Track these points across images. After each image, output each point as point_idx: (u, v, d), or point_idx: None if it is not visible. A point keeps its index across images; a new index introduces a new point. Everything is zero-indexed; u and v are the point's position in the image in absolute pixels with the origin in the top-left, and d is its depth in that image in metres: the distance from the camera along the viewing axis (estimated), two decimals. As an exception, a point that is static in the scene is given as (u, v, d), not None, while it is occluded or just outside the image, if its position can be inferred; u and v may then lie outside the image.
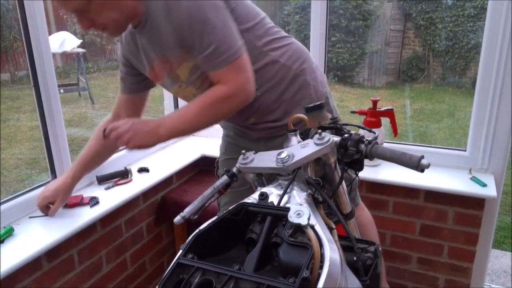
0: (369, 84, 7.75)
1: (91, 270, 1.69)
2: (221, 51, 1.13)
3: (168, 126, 1.19)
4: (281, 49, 1.32)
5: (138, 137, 1.16)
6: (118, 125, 1.17)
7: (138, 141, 1.16)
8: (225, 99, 1.17)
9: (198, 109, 1.18)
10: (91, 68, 8.52)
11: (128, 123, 1.17)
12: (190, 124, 1.21)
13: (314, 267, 0.69)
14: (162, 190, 2.07)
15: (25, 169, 4.44)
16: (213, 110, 1.18)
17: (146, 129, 1.17)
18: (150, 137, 1.17)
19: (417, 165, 0.85)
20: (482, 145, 1.83)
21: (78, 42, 6.97)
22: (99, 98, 7.24)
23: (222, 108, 1.18)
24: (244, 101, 1.19)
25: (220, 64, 1.14)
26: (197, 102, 1.19)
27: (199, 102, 1.19)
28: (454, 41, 6.88)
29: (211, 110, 1.18)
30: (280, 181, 0.96)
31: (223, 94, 1.16)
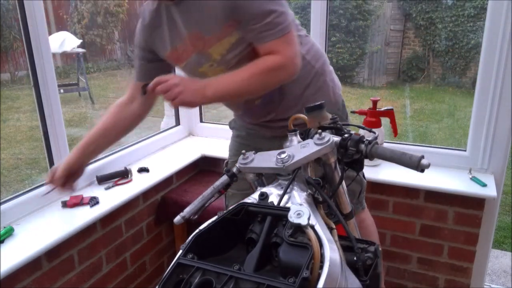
0: (369, 84, 7.75)
1: (91, 270, 1.69)
2: (279, 21, 1.13)
3: (215, 88, 1.16)
4: (306, 46, 1.32)
5: (187, 93, 1.12)
6: (166, 79, 1.13)
7: (187, 97, 1.12)
8: (276, 69, 1.16)
9: (249, 75, 1.16)
10: (91, 68, 8.52)
11: (177, 77, 1.14)
12: (237, 89, 1.18)
13: (314, 267, 0.69)
14: (162, 190, 2.07)
15: (25, 169, 4.44)
16: (263, 78, 1.17)
17: (194, 87, 1.14)
18: (197, 95, 1.14)
19: (417, 165, 0.85)
20: (482, 145, 1.83)
21: (78, 42, 6.98)
22: (99, 98, 7.24)
23: (272, 77, 1.18)
24: (292, 74, 1.19)
25: (276, 34, 1.14)
26: (248, 69, 1.16)
27: (250, 68, 1.16)
28: (454, 41, 6.88)
29: (261, 77, 1.16)
30: (280, 181, 0.96)
31: (275, 63, 1.15)
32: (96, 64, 8.83)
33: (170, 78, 1.13)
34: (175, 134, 2.42)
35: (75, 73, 7.37)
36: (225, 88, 1.17)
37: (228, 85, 1.17)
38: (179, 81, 1.12)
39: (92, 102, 6.92)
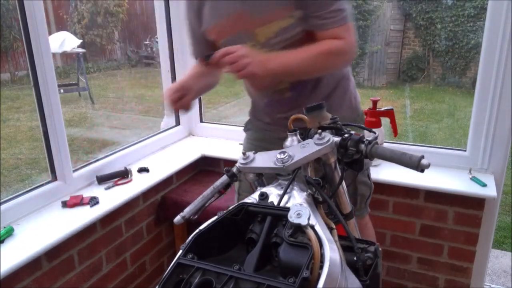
0: (369, 84, 7.75)
1: (91, 270, 1.69)
2: (344, 8, 1.18)
3: (278, 62, 1.14)
4: None
5: (254, 65, 1.09)
6: (233, 49, 1.09)
7: (254, 68, 1.09)
8: (339, 53, 1.19)
9: (314, 54, 1.17)
10: (91, 68, 8.52)
11: (244, 48, 1.10)
12: (299, 66, 1.17)
13: (314, 267, 0.69)
14: (162, 190, 2.07)
15: (25, 169, 4.44)
16: (325, 59, 1.18)
17: (260, 58, 1.12)
18: (261, 67, 1.11)
19: (417, 165, 0.85)
20: (482, 145, 1.83)
21: (78, 42, 6.98)
22: (99, 98, 7.24)
23: (334, 60, 1.20)
24: (350, 61, 1.24)
25: (339, 22, 1.17)
26: (313, 48, 1.17)
27: (315, 48, 1.17)
28: (454, 41, 6.88)
29: (324, 59, 1.18)
30: (280, 181, 0.96)
31: (339, 47, 1.18)
32: (96, 64, 8.83)
33: (237, 48, 1.10)
34: (175, 134, 2.42)
35: (75, 73, 7.37)
36: (288, 63, 1.15)
37: (291, 61, 1.16)
38: (247, 52, 1.09)
39: (92, 102, 6.93)
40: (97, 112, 6.66)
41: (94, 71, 8.59)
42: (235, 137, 2.39)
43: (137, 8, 9.54)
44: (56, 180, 1.70)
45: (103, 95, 7.48)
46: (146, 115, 6.41)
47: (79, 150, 4.89)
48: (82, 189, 1.78)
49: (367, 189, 1.47)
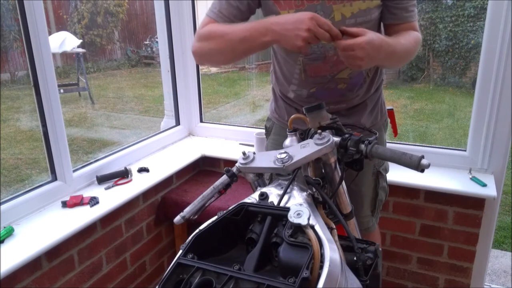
0: (369, 84, 7.73)
1: (91, 270, 1.69)
2: (415, 5, 1.22)
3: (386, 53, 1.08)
4: None
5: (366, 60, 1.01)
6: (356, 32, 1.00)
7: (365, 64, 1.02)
8: (419, 44, 1.22)
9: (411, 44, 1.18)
10: (91, 68, 8.52)
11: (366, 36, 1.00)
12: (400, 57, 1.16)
13: (314, 267, 0.69)
14: (162, 190, 2.07)
15: (25, 169, 4.44)
16: (415, 49, 1.20)
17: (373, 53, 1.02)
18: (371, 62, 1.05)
19: (417, 165, 0.85)
20: (482, 145, 1.83)
21: (78, 42, 6.98)
22: (99, 98, 7.24)
23: (415, 50, 1.21)
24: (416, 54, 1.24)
25: (415, 16, 1.22)
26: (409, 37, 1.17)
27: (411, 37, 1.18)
28: (454, 41, 6.87)
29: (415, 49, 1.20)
30: (280, 181, 0.96)
31: (420, 39, 1.22)
32: (96, 64, 8.82)
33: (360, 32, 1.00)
34: (175, 134, 2.42)
35: (75, 73, 7.36)
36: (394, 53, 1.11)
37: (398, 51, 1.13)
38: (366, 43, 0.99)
39: (92, 102, 6.92)
40: (97, 112, 6.65)
41: (94, 71, 8.59)
42: (235, 137, 2.39)
43: (137, 8, 9.54)
44: (56, 180, 1.70)
45: (103, 95, 7.47)
46: (146, 115, 6.41)
47: (79, 150, 4.88)
48: (82, 189, 1.78)
49: (385, 194, 1.48)
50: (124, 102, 7.27)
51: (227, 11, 1.18)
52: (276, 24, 1.03)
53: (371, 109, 1.36)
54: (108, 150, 2.05)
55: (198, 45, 1.18)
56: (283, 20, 1.03)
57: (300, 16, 1.00)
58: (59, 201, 1.65)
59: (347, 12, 1.15)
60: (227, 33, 1.12)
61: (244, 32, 1.09)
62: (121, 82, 8.56)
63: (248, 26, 1.10)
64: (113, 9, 8.99)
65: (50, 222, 1.54)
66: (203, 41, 1.16)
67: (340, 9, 1.15)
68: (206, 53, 1.18)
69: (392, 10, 1.20)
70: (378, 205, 1.46)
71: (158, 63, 2.46)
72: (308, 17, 0.98)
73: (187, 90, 2.41)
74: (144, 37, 9.49)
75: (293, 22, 1.00)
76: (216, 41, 1.13)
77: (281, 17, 1.07)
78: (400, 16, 1.21)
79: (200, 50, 1.18)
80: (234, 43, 1.11)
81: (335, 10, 1.15)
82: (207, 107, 6.43)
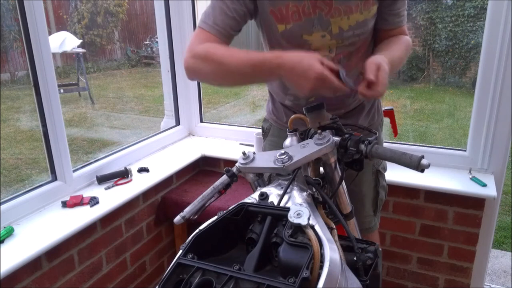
0: (369, 84, 7.73)
1: (91, 270, 1.69)
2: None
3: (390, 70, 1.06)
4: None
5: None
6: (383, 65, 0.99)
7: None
8: (410, 49, 1.23)
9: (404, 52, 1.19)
10: (91, 68, 8.52)
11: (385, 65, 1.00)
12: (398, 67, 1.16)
13: (314, 267, 0.69)
14: (162, 190, 2.07)
15: (25, 169, 4.44)
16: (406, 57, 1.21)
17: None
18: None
19: (417, 165, 0.85)
20: (482, 145, 1.83)
21: (78, 42, 6.98)
22: (99, 98, 7.24)
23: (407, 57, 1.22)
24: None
25: (405, 21, 1.23)
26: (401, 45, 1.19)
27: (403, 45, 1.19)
28: (454, 41, 6.87)
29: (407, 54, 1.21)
30: (280, 181, 0.96)
31: (410, 42, 1.23)
32: (96, 64, 8.83)
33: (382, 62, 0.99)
34: (175, 134, 2.42)
35: (75, 73, 7.37)
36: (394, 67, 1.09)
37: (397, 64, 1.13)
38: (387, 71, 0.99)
39: (92, 102, 6.93)
40: (97, 112, 6.65)
41: (94, 71, 8.59)
42: (235, 137, 2.39)
43: (137, 8, 9.54)
44: (56, 180, 1.70)
45: (103, 95, 7.48)
46: (146, 115, 6.41)
47: (79, 150, 4.88)
48: (82, 189, 1.78)
49: (385, 192, 1.48)
50: (124, 102, 7.27)
51: (223, 22, 1.12)
52: (282, 67, 0.98)
53: (368, 110, 1.36)
54: (108, 150, 2.05)
55: (192, 62, 1.12)
56: (290, 64, 0.96)
57: (309, 63, 0.94)
58: (59, 201, 1.65)
59: (344, 25, 1.14)
60: (227, 62, 1.06)
61: (246, 67, 1.04)
62: (121, 82, 8.56)
63: (250, 60, 1.03)
64: (113, 9, 9.00)
65: (50, 222, 1.54)
66: (198, 60, 1.10)
67: (338, 22, 1.14)
68: (200, 73, 1.13)
69: (385, 16, 1.20)
70: (379, 204, 1.47)
71: (158, 63, 2.46)
72: (317, 66, 0.93)
73: (187, 90, 2.41)
74: (144, 37, 9.50)
75: (301, 71, 0.95)
76: (213, 66, 1.08)
77: (288, 58, 0.98)
78: (392, 22, 1.21)
79: (194, 69, 1.13)
80: (233, 74, 1.07)
81: (333, 23, 1.14)
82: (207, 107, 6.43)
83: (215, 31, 1.12)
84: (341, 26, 1.14)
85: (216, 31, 1.12)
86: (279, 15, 1.13)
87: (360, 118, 1.35)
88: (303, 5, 1.11)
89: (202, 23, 1.14)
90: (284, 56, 0.98)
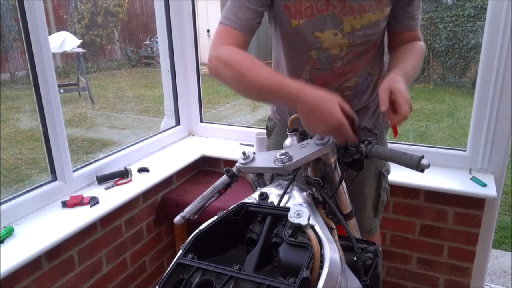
0: (369, 84, 7.73)
1: (91, 270, 1.69)
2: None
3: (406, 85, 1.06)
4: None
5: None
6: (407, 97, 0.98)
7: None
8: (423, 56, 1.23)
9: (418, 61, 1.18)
10: (91, 68, 8.53)
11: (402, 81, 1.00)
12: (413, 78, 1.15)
13: (314, 267, 0.69)
14: (162, 190, 2.07)
15: (25, 169, 4.44)
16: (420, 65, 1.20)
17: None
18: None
19: (417, 165, 0.85)
20: (482, 145, 1.83)
21: (78, 42, 6.98)
22: (99, 98, 7.24)
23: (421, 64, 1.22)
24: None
25: (419, 25, 1.23)
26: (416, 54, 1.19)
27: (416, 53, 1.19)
28: (454, 41, 6.87)
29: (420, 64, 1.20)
30: (280, 181, 0.96)
31: (423, 51, 1.23)
32: (96, 64, 8.83)
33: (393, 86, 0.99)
34: (175, 134, 2.42)
35: (75, 73, 7.37)
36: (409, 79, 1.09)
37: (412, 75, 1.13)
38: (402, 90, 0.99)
39: (92, 102, 6.93)
40: (97, 112, 6.65)
41: (94, 71, 8.59)
42: (235, 137, 2.39)
43: (137, 8, 9.54)
44: (56, 180, 1.70)
45: (103, 95, 7.48)
46: (146, 115, 6.41)
47: (79, 150, 4.88)
48: (82, 189, 1.78)
49: (387, 195, 1.48)
50: (124, 102, 7.28)
51: (245, 16, 1.11)
52: (302, 101, 0.94)
53: (373, 111, 1.36)
54: (108, 150, 2.05)
55: (215, 64, 1.09)
56: (310, 103, 0.93)
57: (330, 108, 0.91)
58: (59, 201, 1.65)
59: (357, 24, 1.14)
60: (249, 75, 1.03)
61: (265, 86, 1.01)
62: (121, 82, 8.56)
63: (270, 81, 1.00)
64: (113, 9, 9.00)
65: (50, 222, 1.54)
66: (221, 64, 1.08)
67: (350, 21, 1.13)
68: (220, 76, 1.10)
69: (400, 18, 1.19)
70: (380, 206, 1.46)
71: (158, 63, 2.46)
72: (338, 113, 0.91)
73: (187, 90, 2.41)
74: (144, 37, 9.50)
75: (320, 113, 0.92)
76: (234, 74, 1.06)
77: (310, 94, 0.94)
78: (406, 24, 1.21)
79: (215, 71, 1.10)
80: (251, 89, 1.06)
81: (345, 22, 1.13)
82: (207, 107, 6.43)
83: (238, 25, 1.11)
84: (354, 25, 1.14)
85: (239, 25, 1.11)
86: (293, 9, 1.13)
87: (365, 119, 1.34)
88: (316, 1, 1.10)
89: (224, 19, 1.13)
90: (305, 91, 0.95)
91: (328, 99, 0.93)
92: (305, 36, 1.16)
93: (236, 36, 1.11)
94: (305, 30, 1.14)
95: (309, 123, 0.96)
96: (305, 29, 1.14)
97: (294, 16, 1.13)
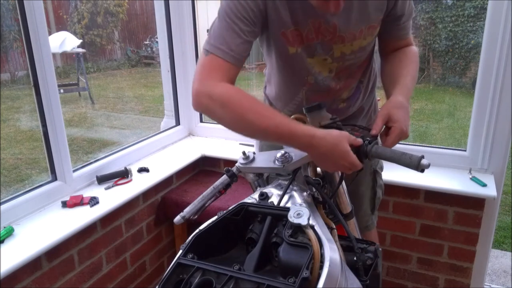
0: (369, 84, 7.73)
1: (91, 270, 1.69)
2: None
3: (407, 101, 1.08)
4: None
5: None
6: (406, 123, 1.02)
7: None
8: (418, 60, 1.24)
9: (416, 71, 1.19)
10: (91, 68, 8.52)
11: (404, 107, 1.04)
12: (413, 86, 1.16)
13: (314, 267, 0.69)
14: (162, 190, 2.07)
15: (25, 169, 4.44)
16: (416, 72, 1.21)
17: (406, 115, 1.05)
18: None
19: (417, 165, 0.85)
20: (482, 145, 1.82)
21: (78, 42, 6.98)
22: (99, 98, 7.24)
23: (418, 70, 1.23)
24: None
25: (411, 30, 1.23)
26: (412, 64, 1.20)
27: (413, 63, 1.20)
28: (454, 41, 6.87)
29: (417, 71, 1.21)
30: (280, 181, 0.96)
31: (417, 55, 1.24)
32: (96, 64, 8.83)
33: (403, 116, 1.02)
34: (175, 134, 2.42)
35: (75, 73, 7.37)
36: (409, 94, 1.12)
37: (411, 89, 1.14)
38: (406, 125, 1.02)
39: (92, 102, 6.93)
40: (97, 112, 6.65)
41: (94, 71, 8.59)
42: (235, 137, 2.38)
43: (137, 8, 9.54)
44: (56, 180, 1.70)
45: (103, 95, 7.47)
46: (146, 115, 6.41)
47: (79, 150, 4.88)
48: (82, 189, 1.78)
49: (382, 191, 1.49)
50: (124, 102, 7.27)
51: (238, 48, 1.02)
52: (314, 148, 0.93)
53: (366, 111, 1.37)
54: (108, 150, 2.05)
55: (207, 103, 1.01)
56: (323, 148, 0.92)
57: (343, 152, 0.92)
58: (59, 201, 1.65)
59: (347, 49, 1.14)
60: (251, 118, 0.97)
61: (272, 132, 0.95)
62: (121, 82, 8.56)
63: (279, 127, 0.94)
64: (113, 9, 8.99)
65: (50, 222, 1.54)
66: (216, 104, 0.99)
67: (340, 48, 1.14)
68: (213, 115, 1.04)
69: (391, 31, 1.20)
70: (376, 203, 1.48)
71: (158, 63, 2.46)
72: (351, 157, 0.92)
73: (187, 90, 2.41)
74: (144, 37, 9.50)
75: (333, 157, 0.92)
76: (233, 116, 0.99)
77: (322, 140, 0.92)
78: (399, 34, 1.22)
79: (207, 109, 1.03)
80: (254, 131, 1.01)
81: (335, 49, 1.14)
82: (207, 107, 6.40)
83: (231, 58, 1.01)
84: (344, 51, 1.15)
85: (232, 58, 1.02)
86: (286, 38, 1.11)
87: (359, 120, 1.35)
88: (306, 31, 1.09)
89: (214, 48, 1.02)
90: (316, 138, 0.92)
91: (339, 144, 0.92)
92: (300, 62, 1.16)
93: (228, 69, 1.02)
94: (299, 56, 1.14)
95: (322, 165, 0.99)
96: (299, 55, 1.14)
97: (293, 44, 1.12)
